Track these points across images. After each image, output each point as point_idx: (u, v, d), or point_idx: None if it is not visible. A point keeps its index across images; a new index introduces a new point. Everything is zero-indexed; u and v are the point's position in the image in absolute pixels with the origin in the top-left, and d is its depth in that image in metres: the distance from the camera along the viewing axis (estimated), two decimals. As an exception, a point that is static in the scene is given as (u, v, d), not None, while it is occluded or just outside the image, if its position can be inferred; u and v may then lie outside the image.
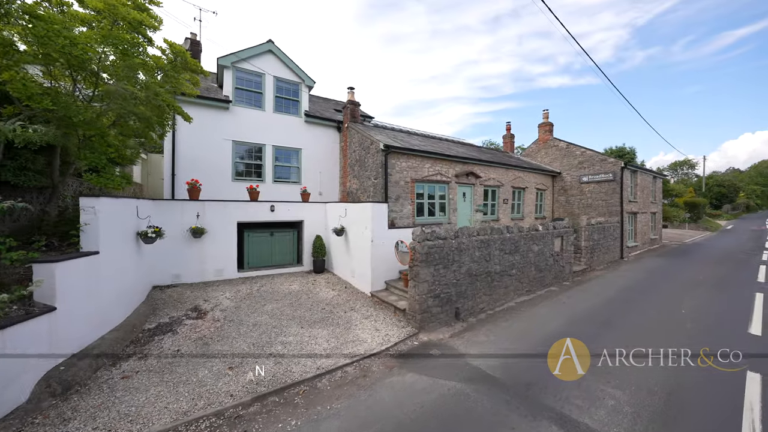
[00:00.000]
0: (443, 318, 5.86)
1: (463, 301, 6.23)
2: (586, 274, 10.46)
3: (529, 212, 14.51)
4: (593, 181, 14.29)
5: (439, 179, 10.77)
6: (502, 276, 7.17)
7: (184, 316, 5.61)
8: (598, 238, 11.63)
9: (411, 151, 9.78)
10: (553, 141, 16.08)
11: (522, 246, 7.77)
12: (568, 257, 9.67)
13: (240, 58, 10.10)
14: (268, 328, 5.26)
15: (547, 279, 8.70)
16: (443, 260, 5.86)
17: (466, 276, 6.29)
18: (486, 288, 6.74)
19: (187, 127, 9.36)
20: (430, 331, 5.56)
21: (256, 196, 8.74)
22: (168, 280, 7.34)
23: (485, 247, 6.74)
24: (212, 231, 7.86)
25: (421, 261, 5.54)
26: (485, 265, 6.73)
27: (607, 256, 12.37)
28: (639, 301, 7.40)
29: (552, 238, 8.94)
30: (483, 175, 12.25)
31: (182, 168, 9.29)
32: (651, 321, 6.09)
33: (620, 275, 10.34)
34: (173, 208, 7.42)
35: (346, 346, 4.75)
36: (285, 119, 11.10)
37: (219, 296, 6.69)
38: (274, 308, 6.14)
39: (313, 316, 5.89)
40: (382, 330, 5.39)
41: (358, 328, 5.45)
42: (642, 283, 9.16)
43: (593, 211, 14.34)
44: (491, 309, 6.78)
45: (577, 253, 11.21)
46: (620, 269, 11.36)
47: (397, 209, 9.63)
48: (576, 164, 15.06)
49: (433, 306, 5.70)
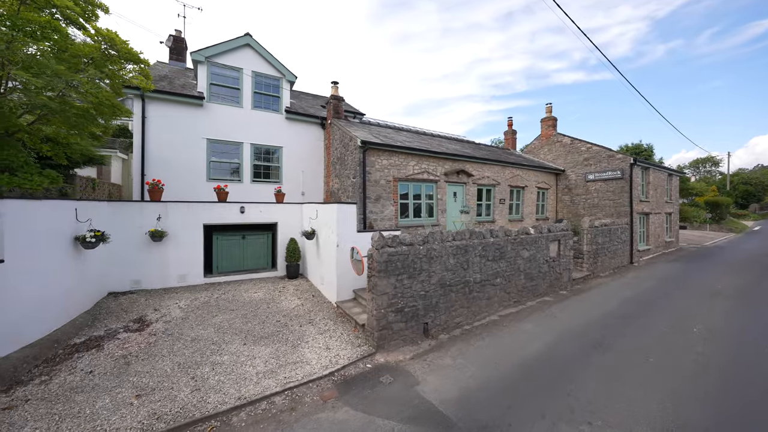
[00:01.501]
0: (408, 335, 5.17)
1: (434, 315, 5.52)
2: (587, 282, 9.51)
3: (529, 213, 13.57)
4: (600, 179, 13.21)
5: (425, 178, 10.04)
6: (484, 286, 6.41)
7: (123, 328, 5.14)
8: (602, 242, 10.63)
9: (392, 147, 9.10)
10: (557, 136, 15.04)
11: (509, 252, 6.97)
12: (566, 263, 8.77)
13: (215, 52, 9.66)
14: (207, 344, 4.71)
15: (541, 288, 7.86)
16: (408, 269, 5.17)
17: (437, 287, 5.58)
18: (463, 300, 6.01)
19: (158, 125, 9.00)
20: (390, 350, 4.89)
21: (224, 197, 8.26)
22: (126, 286, 6.94)
23: (462, 253, 6.00)
24: (175, 234, 7.42)
25: (380, 270, 4.87)
26: (462, 273, 5.99)
27: (613, 261, 11.32)
28: (643, 315, 6.48)
29: (546, 242, 8.08)
30: (476, 173, 11.43)
31: (153, 168, 8.92)
32: (652, 343, 5.21)
33: (626, 283, 9.35)
34: (132, 209, 7.01)
35: (284, 369, 4.15)
36: (264, 116, 10.61)
37: (172, 305, 6.22)
38: (225, 320, 5.61)
39: (263, 329, 5.32)
40: (333, 349, 4.76)
41: (308, 346, 4.83)
42: (650, 293, 8.18)
43: (600, 211, 13.26)
44: (469, 323, 6.04)
45: (579, 258, 10.26)
46: (628, 276, 10.33)
47: (377, 210, 8.98)
48: (581, 161, 13.99)
49: (395, 322, 5.03)
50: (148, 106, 8.77)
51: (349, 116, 14.50)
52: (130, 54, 4.93)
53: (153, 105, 8.85)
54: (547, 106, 15.56)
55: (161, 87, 9.19)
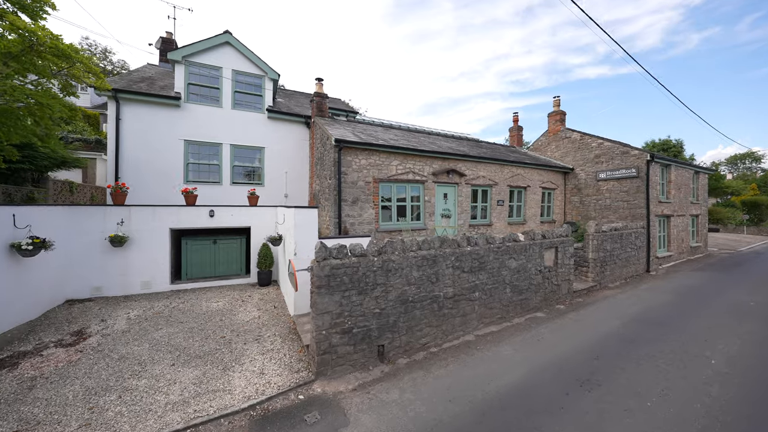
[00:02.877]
0: (358, 360, 4.53)
1: (392, 336, 4.84)
2: (591, 294, 8.46)
3: (532, 215, 12.51)
4: (612, 178, 11.95)
5: (411, 178, 9.33)
6: (458, 301, 5.64)
7: (56, 342, 4.83)
8: (611, 248, 9.48)
9: (372, 146, 8.46)
10: (565, 132, 13.83)
11: (491, 262, 6.16)
12: (565, 273, 7.80)
13: (193, 51, 9.41)
14: (132, 364, 4.29)
15: (532, 302, 6.97)
16: (358, 284, 4.52)
17: (397, 304, 4.89)
18: (431, 318, 5.28)
19: (133, 127, 8.83)
20: (334, 378, 4.27)
21: (193, 200, 7.93)
22: (86, 293, 6.72)
23: (430, 264, 5.28)
24: (139, 239, 7.14)
25: (320, 286, 4.26)
26: (429, 288, 5.27)
27: (625, 270, 10.12)
28: (649, 340, 5.49)
29: (540, 250, 7.17)
30: (469, 172, 10.58)
31: (128, 171, 8.76)
32: (654, 380, 4.29)
33: (637, 296, 8.22)
34: (93, 214, 6.78)
35: (200, 399, 3.63)
36: (245, 116, 10.27)
37: (122, 315, 5.89)
38: (167, 335, 5.19)
39: (202, 347, 4.84)
40: (267, 374, 4.20)
41: (242, 369, 4.30)
42: (663, 310, 7.07)
43: (613, 213, 12.00)
44: (438, 345, 5.30)
45: (583, 266, 9.19)
46: (641, 287, 9.15)
47: (355, 214, 8.37)
48: (592, 158, 12.75)
49: (341, 345, 4.40)
50: (122, 108, 8.62)
51: (340, 115, 13.99)
52: (56, 49, 4.59)
53: (128, 106, 8.69)
54: (554, 99, 14.37)
55: (139, 88, 9.04)
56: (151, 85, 9.46)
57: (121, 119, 8.56)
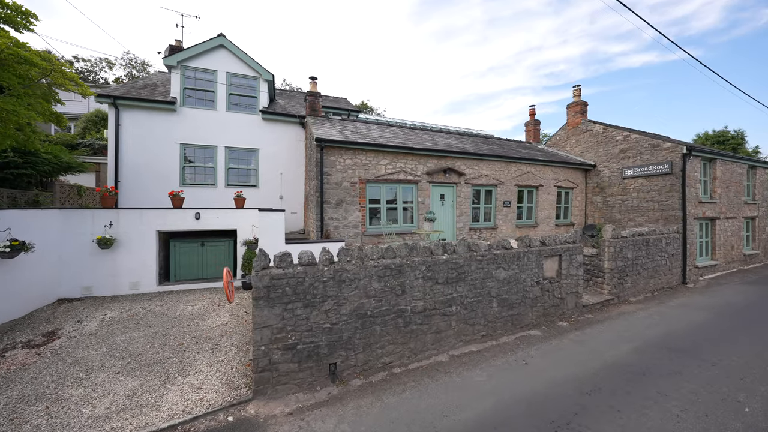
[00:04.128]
0: (304, 379, 4.14)
1: (346, 353, 4.39)
2: (606, 310, 7.37)
3: (545, 218, 11.37)
4: (640, 175, 10.49)
5: (402, 178, 8.79)
6: (430, 316, 5.05)
7: (25, 343, 4.96)
8: (634, 256, 8.23)
9: (357, 145, 8.05)
10: (586, 125, 12.43)
11: (473, 272, 5.47)
12: (571, 285, 6.84)
13: (188, 56, 9.60)
14: (79, 371, 4.24)
15: (527, 318, 6.15)
16: (303, 296, 4.13)
17: (352, 318, 4.43)
18: (395, 334, 4.75)
19: (132, 132, 9.18)
20: (274, 398, 3.92)
21: (179, 203, 8.02)
22: (77, 293, 7.00)
23: (395, 275, 4.75)
24: (128, 241, 7.33)
25: (259, 298, 3.92)
26: (393, 301, 4.74)
27: (653, 282, 8.76)
28: (664, 374, 4.52)
29: (538, 258, 6.32)
30: (469, 171, 9.79)
31: (127, 174, 9.12)
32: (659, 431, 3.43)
33: (663, 314, 7.01)
34: (84, 217, 7.05)
35: (122, 416, 3.44)
36: (239, 118, 10.33)
37: (98, 316, 6.01)
38: (129, 339, 5.16)
39: (156, 354, 4.73)
40: (206, 389, 3.95)
41: (183, 381, 4.09)
42: (693, 333, 5.91)
43: (641, 215, 10.54)
44: (404, 365, 4.76)
45: (598, 277, 8.07)
46: (670, 303, 7.84)
47: (339, 216, 8.01)
48: (617, 153, 11.31)
49: (283, 362, 4.03)
50: (121, 114, 8.99)
51: (342, 114, 13.76)
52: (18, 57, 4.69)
53: (127, 112, 9.05)
54: (574, 88, 12.97)
55: (139, 95, 9.39)
56: (152, 91, 9.81)
57: (120, 125, 8.93)
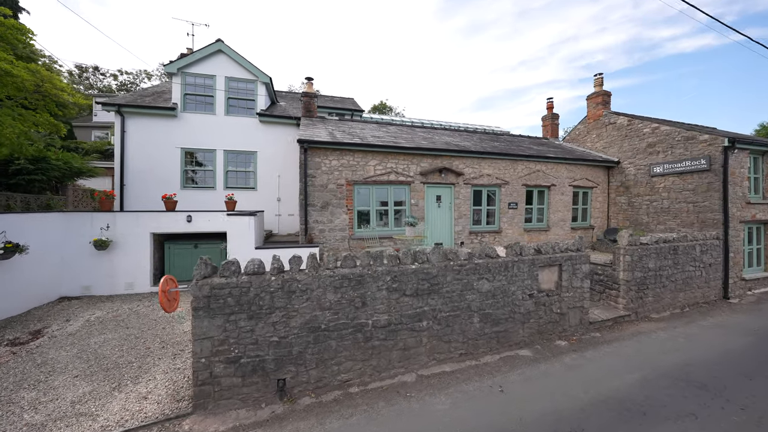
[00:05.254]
0: (250, 394, 3.90)
1: (296, 369, 4.09)
2: (619, 328, 6.42)
3: (559, 221, 10.35)
4: (672, 173, 9.16)
5: (393, 179, 8.37)
6: (395, 331, 4.61)
7: (10, 340, 5.23)
8: (657, 266, 7.14)
9: (343, 145, 7.76)
10: (608, 117, 11.16)
11: (448, 283, 4.95)
12: (574, 298, 6.03)
13: (187, 62, 9.89)
14: (41, 373, 4.35)
15: (517, 335, 5.48)
16: (248, 307, 3.90)
17: (304, 331, 4.13)
18: (354, 350, 4.38)
19: (136, 138, 9.62)
20: (215, 413, 3.72)
21: (172, 206, 8.22)
22: (77, 291, 7.41)
23: (354, 286, 4.38)
24: (124, 243, 7.64)
25: (200, 308, 3.75)
26: (352, 314, 4.37)
27: (683, 296, 7.56)
28: (672, 415, 3.73)
29: (531, 268, 5.62)
30: (469, 170, 9.12)
31: (132, 178, 9.57)
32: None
33: (689, 336, 5.95)
34: (83, 219, 7.44)
35: (60, 423, 3.41)
36: (238, 121, 10.48)
37: (86, 316, 6.26)
38: (101, 341, 5.27)
39: (121, 358, 4.76)
40: (150, 399, 3.85)
41: (133, 388, 4.03)
42: (724, 363, 4.90)
43: (673, 218, 9.22)
44: (363, 384, 4.37)
45: (613, 289, 7.09)
46: (702, 322, 6.68)
47: (325, 220, 7.77)
48: (644, 148, 10.00)
49: (226, 376, 3.82)
50: (127, 121, 9.45)
51: (345, 114, 13.58)
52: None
53: (131, 119, 9.50)
54: (595, 77, 11.70)
55: (144, 102, 9.83)
56: (157, 99, 10.24)
57: (126, 131, 9.41)
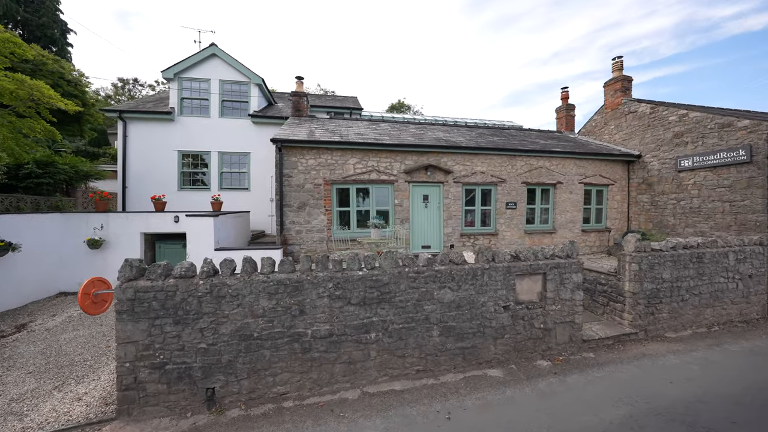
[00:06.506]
0: (177, 402, 3.75)
1: (226, 378, 3.88)
2: (621, 348, 5.52)
3: (567, 222, 9.35)
4: (703, 166, 7.85)
5: (375, 178, 7.98)
6: (338, 343, 4.24)
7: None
8: (675, 277, 6.07)
9: (319, 143, 7.52)
10: (628, 105, 9.88)
11: (402, 292, 4.49)
12: (562, 312, 5.27)
13: (183, 67, 10.22)
14: (2, 369, 4.54)
15: (488, 352, 4.87)
16: (174, 312, 3.75)
17: (234, 339, 3.91)
18: (292, 361, 4.08)
19: (137, 143, 10.11)
20: (138, 420, 3.61)
21: (161, 207, 8.48)
22: (75, 287, 7.86)
23: (291, 292, 4.08)
24: (115, 242, 8.01)
25: (124, 311, 3.65)
26: (289, 322, 4.08)
27: (711, 312, 6.38)
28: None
29: (506, 276, 4.97)
30: (459, 168, 8.48)
31: (133, 181, 10.08)
32: None
33: (710, 363, 4.94)
34: (80, 220, 7.90)
35: (-11, 422, 3.48)
36: (231, 123, 10.66)
37: (71, 311, 6.58)
38: (72, 337, 5.47)
39: (79, 356, 4.88)
40: (83, 400, 3.84)
41: (74, 388, 4.07)
42: (750, 404, 3.94)
43: (704, 220, 7.90)
44: (301, 397, 4.06)
45: (617, 302, 6.15)
46: (733, 345, 5.55)
47: (301, 221, 7.58)
48: (669, 139, 8.70)
49: (151, 381, 3.70)
50: (128, 126, 9.96)
51: (344, 113, 13.43)
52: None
53: (132, 124, 10.01)
54: (614, 62, 10.41)
55: (146, 108, 10.33)
56: (158, 104, 10.72)
57: (128, 136, 9.92)
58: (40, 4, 21.89)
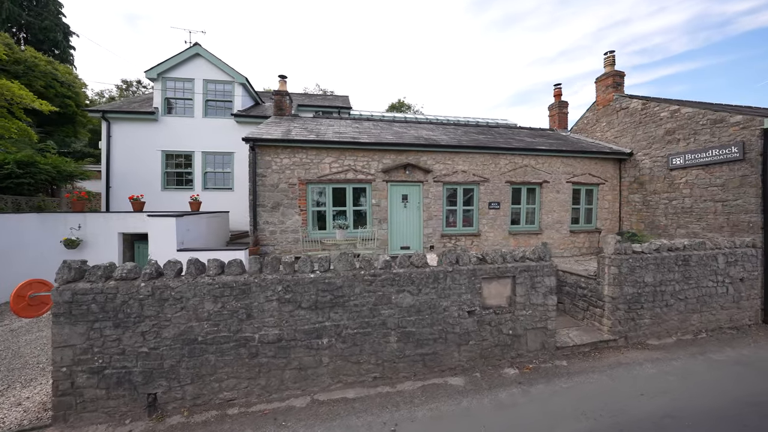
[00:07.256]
0: (117, 408, 3.64)
1: (169, 384, 3.76)
2: (597, 355, 5.26)
3: (554, 222, 9.05)
4: (695, 164, 7.49)
5: (351, 178, 7.82)
6: (288, 348, 4.09)
7: (-35, 332, 5.60)
8: (658, 281, 5.77)
9: (293, 142, 7.39)
10: (619, 101, 9.52)
11: (357, 296, 4.31)
12: (533, 318, 5.03)
13: (167, 67, 10.20)
14: (-41, 367, 4.51)
15: (451, 359, 4.66)
16: (114, 315, 3.64)
17: (177, 343, 3.79)
18: (238, 367, 3.94)
19: (121, 143, 10.13)
20: (75, 426, 3.52)
21: (139, 207, 8.46)
22: (54, 286, 7.89)
23: (237, 296, 3.94)
24: (93, 242, 7.99)
25: (61, 314, 3.56)
26: (236, 326, 3.94)
27: (698, 318, 6.05)
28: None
29: (471, 280, 4.76)
30: (439, 167, 8.26)
31: (117, 180, 10.10)
32: None
33: (690, 373, 4.65)
34: (57, 220, 7.91)
35: (-76, 426, 3.42)
36: (215, 123, 10.61)
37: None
38: (33, 338, 5.45)
39: (34, 358, 4.83)
40: (23, 405, 3.77)
41: (19, 391, 4.00)
42: (727, 420, 3.66)
43: (696, 220, 7.54)
44: (248, 404, 3.92)
45: (597, 306, 5.87)
46: (718, 354, 5.23)
47: (275, 221, 7.46)
48: (661, 136, 8.34)
49: (90, 387, 3.60)
50: (113, 126, 9.99)
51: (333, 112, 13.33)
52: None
53: (117, 125, 10.03)
54: (605, 56, 10.04)
55: (131, 108, 10.34)
56: (143, 105, 10.74)
57: (111, 136, 9.94)
58: (43, 8, 22.27)
